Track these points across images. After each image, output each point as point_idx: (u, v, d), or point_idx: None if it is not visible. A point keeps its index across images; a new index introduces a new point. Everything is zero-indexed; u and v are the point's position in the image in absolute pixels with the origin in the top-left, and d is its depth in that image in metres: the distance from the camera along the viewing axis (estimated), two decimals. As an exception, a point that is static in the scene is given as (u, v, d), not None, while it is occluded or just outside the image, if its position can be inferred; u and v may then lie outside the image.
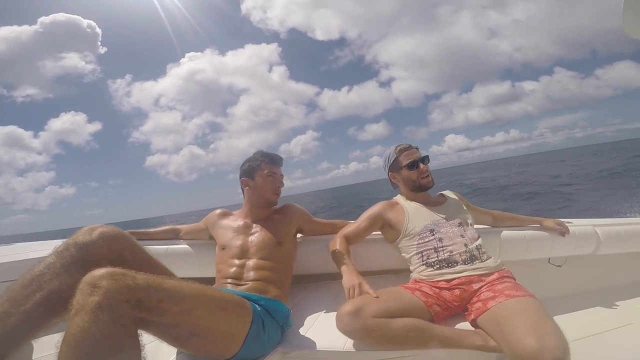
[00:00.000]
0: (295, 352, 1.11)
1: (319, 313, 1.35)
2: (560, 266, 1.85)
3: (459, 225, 1.37)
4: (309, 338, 1.16)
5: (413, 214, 1.43)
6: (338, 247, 1.37)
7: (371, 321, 1.00)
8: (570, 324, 1.58)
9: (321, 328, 1.22)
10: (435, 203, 1.49)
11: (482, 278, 1.22)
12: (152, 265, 1.03)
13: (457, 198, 1.56)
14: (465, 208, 1.51)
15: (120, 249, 0.96)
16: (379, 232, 1.54)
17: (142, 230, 1.70)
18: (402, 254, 1.44)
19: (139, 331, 0.74)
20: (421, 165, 1.46)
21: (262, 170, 1.47)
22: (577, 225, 1.78)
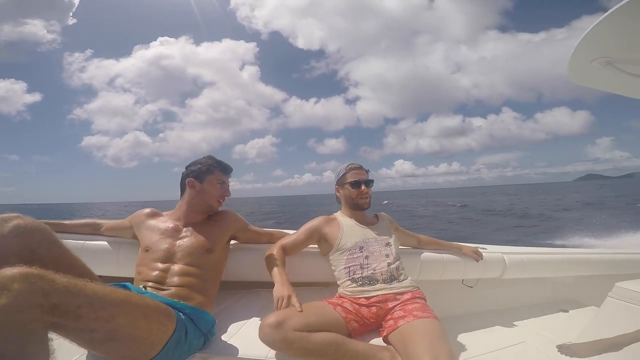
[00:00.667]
0: (214, 359, 1.10)
1: (245, 321, 1.34)
2: (472, 287, 2.08)
3: (385, 245, 1.47)
4: (232, 345, 1.15)
5: (347, 230, 1.51)
6: (274, 257, 1.38)
7: (292, 334, 1.03)
8: (477, 340, 1.77)
9: (246, 336, 1.22)
10: (369, 222, 1.58)
11: (397, 297, 1.32)
12: (70, 263, 0.97)
13: (388, 220, 1.67)
14: (393, 230, 1.62)
15: (35, 244, 0.90)
16: (315, 245, 1.59)
17: (58, 221, 1.55)
18: (332, 267, 1.49)
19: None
20: (363, 187, 1.54)
21: (213, 176, 1.45)
22: (488, 251, 2.02)
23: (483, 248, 2.07)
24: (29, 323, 0.63)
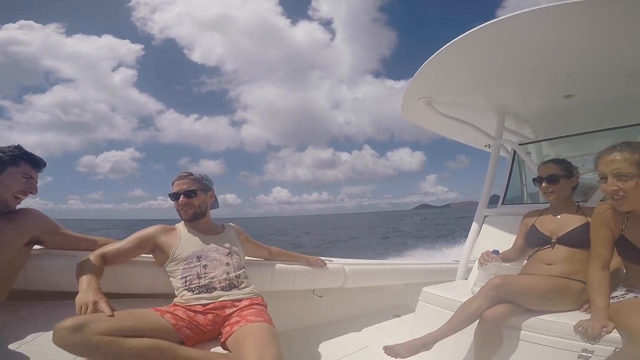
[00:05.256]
0: None
1: (45, 332, 1.15)
2: (322, 297, 2.23)
3: (227, 255, 1.47)
4: (22, 354, 1.04)
5: (185, 240, 1.48)
6: (86, 264, 1.26)
7: (97, 338, 0.96)
8: (328, 348, 1.88)
9: (43, 345, 1.08)
10: (212, 232, 1.57)
11: (235, 304, 1.34)
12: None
13: (235, 230, 1.68)
14: (241, 241, 1.66)
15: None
16: (150, 255, 1.50)
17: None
18: (170, 278, 1.43)
19: None
20: (181, 198, 1.50)
21: (17, 168, 1.28)
22: (332, 263, 2.22)
23: (329, 260, 2.28)
24: None
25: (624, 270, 1.41)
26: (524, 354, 1.38)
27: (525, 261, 1.75)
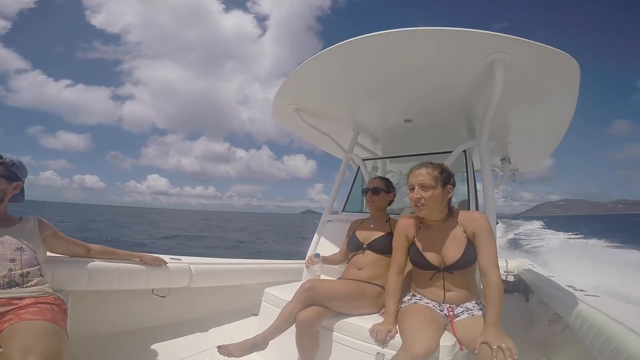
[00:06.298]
0: None
1: None
2: (164, 297, 2.07)
3: (15, 250, 1.35)
4: None
5: None
6: None
7: None
8: (170, 349, 1.77)
9: None
10: (5, 224, 1.41)
11: (13, 302, 1.24)
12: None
13: (35, 224, 1.50)
14: (43, 236, 1.49)
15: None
16: None
17: None
18: None
19: None
20: None
21: None
22: (177, 262, 2.11)
23: (177, 259, 2.16)
24: None
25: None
26: (335, 355, 1.49)
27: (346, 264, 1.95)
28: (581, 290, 2.18)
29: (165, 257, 2.09)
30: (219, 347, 1.55)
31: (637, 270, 7.93)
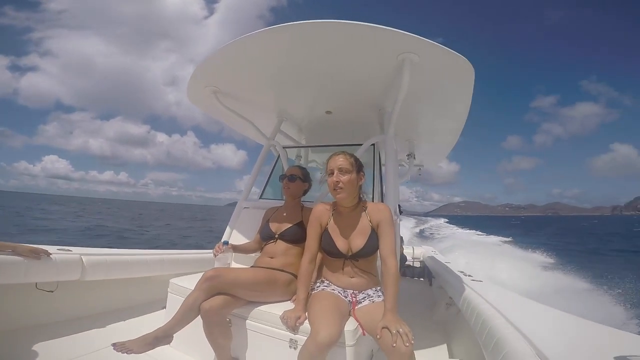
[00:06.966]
0: None
1: None
2: (52, 292, 1.83)
3: None
4: None
5: None
6: None
7: None
8: (59, 349, 1.58)
9: None
10: None
11: None
12: None
13: None
14: None
15: None
16: None
17: None
18: None
19: None
20: None
21: None
22: (66, 253, 1.88)
23: (67, 250, 1.93)
24: None
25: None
26: (251, 342, 1.50)
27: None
28: (469, 275, 2.46)
29: (52, 248, 1.84)
30: (113, 344, 1.43)
31: (511, 258, 10.77)
